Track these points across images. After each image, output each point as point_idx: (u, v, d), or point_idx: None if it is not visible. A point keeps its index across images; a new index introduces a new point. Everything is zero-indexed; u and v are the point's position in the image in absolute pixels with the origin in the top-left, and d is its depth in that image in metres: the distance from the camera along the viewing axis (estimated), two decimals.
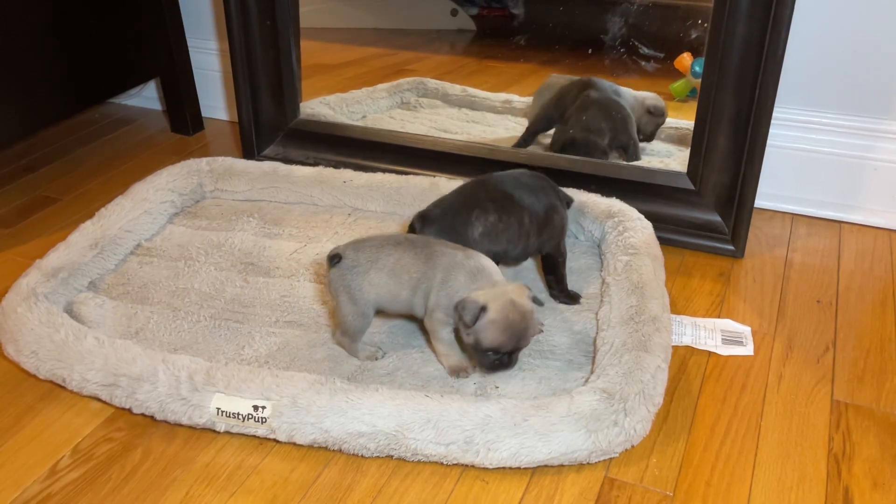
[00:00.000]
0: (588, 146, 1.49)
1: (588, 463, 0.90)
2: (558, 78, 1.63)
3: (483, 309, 0.94)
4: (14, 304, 1.08)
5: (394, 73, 1.87)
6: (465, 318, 0.95)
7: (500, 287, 0.97)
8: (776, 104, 1.23)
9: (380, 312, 1.07)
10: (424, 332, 1.08)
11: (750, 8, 1.16)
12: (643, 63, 1.52)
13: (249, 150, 1.61)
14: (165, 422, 0.97)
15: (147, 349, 1.01)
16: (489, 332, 0.95)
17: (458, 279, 0.98)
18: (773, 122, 1.24)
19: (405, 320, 1.14)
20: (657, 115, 1.55)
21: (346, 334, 1.05)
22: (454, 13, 1.85)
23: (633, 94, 1.56)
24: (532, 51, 1.77)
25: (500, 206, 1.10)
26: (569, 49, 1.69)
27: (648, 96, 1.56)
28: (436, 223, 1.10)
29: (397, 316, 1.12)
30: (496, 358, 0.97)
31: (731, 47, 1.19)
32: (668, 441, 0.94)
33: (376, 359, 1.06)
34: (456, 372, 1.03)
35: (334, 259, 1.03)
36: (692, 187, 1.33)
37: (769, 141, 1.24)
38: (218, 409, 0.94)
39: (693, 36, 1.41)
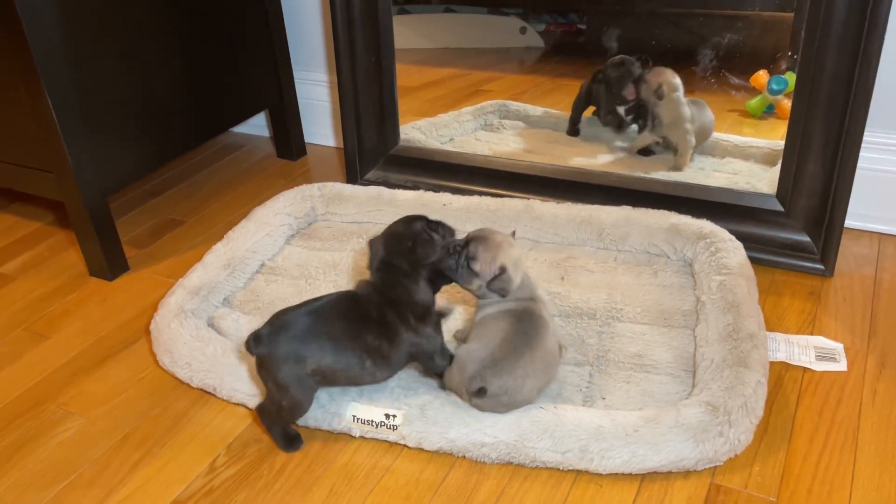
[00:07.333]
0: None
1: (695, 470, 0.98)
2: None
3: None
4: (167, 319, 1.22)
5: (471, 94, 1.95)
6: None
7: None
8: (866, 128, 1.26)
9: None
10: None
11: (839, 41, 1.21)
12: (713, 80, 1.57)
13: (353, 175, 1.73)
14: (306, 426, 1.08)
15: None
16: None
17: (546, 310, 1.07)
18: (862, 146, 1.28)
19: None
20: None
21: None
22: (523, 31, 1.92)
23: None
24: (601, 66, 1.83)
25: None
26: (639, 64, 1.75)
27: None
28: None
29: None
30: None
31: (821, 79, 1.24)
32: (770, 451, 1.01)
33: None
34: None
35: (481, 392, 0.99)
36: (781, 209, 1.38)
37: (858, 164, 1.27)
38: (354, 416, 1.05)
39: (773, 53, 1.44)
